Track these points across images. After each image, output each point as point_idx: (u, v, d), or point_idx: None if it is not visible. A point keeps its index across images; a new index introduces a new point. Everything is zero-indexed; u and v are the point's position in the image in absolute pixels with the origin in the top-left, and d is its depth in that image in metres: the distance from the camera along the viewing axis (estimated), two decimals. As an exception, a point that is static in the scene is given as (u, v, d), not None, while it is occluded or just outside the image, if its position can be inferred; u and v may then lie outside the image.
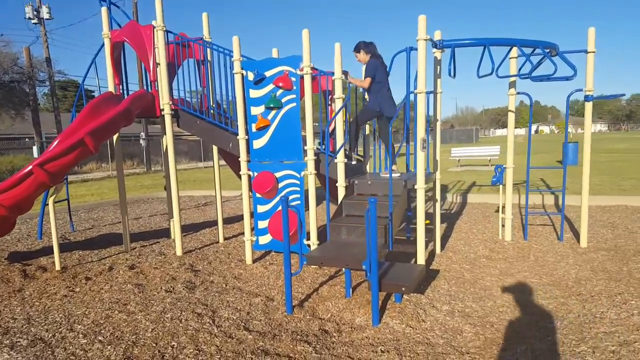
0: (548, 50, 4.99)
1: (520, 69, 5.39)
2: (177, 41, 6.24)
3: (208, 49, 6.46)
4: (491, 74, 5.01)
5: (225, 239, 7.18)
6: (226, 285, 4.85)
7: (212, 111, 6.29)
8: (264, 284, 4.87)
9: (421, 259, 4.63)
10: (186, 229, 7.99)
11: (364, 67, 5.77)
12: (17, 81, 25.83)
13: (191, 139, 38.18)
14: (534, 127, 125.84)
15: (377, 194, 5.11)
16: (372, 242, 3.41)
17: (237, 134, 5.86)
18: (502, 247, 5.86)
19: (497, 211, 8.50)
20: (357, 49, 5.83)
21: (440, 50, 5.43)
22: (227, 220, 8.69)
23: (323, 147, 5.44)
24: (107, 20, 6.24)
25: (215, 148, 6.93)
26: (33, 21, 25.50)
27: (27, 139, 29.81)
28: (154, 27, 6.02)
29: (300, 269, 4.03)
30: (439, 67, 5.60)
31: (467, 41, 4.88)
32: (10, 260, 6.23)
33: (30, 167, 5.12)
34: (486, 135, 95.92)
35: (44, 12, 25.34)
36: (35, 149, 24.68)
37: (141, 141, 23.38)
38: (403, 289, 3.55)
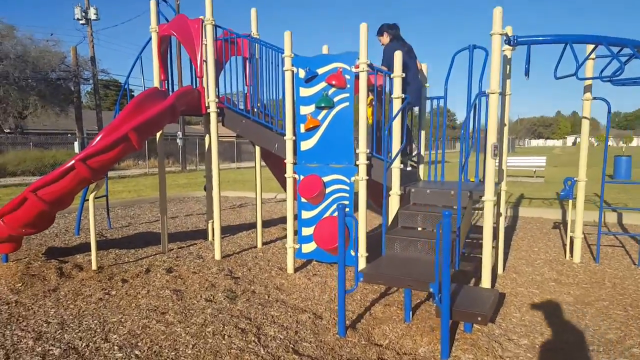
0: (637, 49, 4.43)
1: (602, 71, 4.83)
2: (225, 37, 5.96)
3: (256, 45, 6.15)
4: (574, 74, 4.50)
5: (263, 243, 6.86)
6: (269, 297, 4.50)
7: (257, 110, 5.98)
8: (309, 298, 4.48)
9: (487, 281, 4.13)
10: (223, 231, 7.66)
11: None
12: (63, 79, 26.57)
13: (225, 140, 38.44)
14: (571, 139, 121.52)
15: (436, 205, 4.66)
16: (445, 261, 2.97)
17: (283, 135, 5.54)
18: (571, 270, 5.28)
19: (556, 227, 7.87)
20: (380, 32, 5.55)
21: (511, 48, 4.95)
22: (264, 224, 8.38)
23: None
24: (155, 13, 6.03)
25: (257, 149, 6.62)
26: (81, 22, 26.21)
27: (69, 135, 30.66)
28: (202, 22, 5.77)
29: (355, 287, 3.62)
30: (508, 66, 5.11)
31: (547, 38, 4.39)
32: (48, 257, 6.08)
33: (73, 162, 4.93)
34: (521, 146, 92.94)
35: (92, 14, 26.00)
36: (76, 144, 25.24)
37: (178, 140, 23.56)
38: (479, 318, 3.08)
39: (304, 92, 5.20)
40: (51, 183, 4.98)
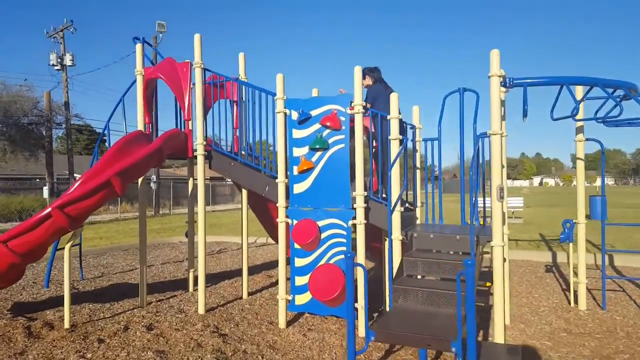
0: (631, 90, 4.46)
1: (597, 112, 4.83)
2: (214, 80, 5.79)
3: (244, 88, 5.98)
4: (571, 116, 4.47)
5: (249, 294, 6.45)
6: (262, 358, 4.10)
7: (245, 153, 5.75)
8: (307, 358, 4.11)
9: (500, 336, 3.84)
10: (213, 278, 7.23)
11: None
12: (35, 123, 25.89)
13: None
14: (537, 179, 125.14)
15: (440, 250, 4.44)
16: (470, 316, 2.71)
17: (274, 177, 5.31)
18: (578, 318, 5.07)
19: (549, 271, 7.73)
20: (362, 76, 5.46)
21: (504, 90, 4.93)
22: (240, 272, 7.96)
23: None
24: (141, 56, 5.85)
25: (244, 192, 6.32)
26: (56, 67, 25.90)
27: (37, 180, 29.59)
28: (191, 65, 5.61)
29: (366, 347, 3.30)
30: (503, 108, 5.07)
31: (543, 79, 4.37)
32: (14, 313, 5.52)
33: (49, 209, 4.54)
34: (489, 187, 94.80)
35: (67, 60, 25.76)
36: (45, 189, 24.28)
37: (152, 184, 22.95)
38: (509, 379, 2.81)
39: (297, 133, 5.02)
40: (24, 233, 4.57)
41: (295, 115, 5.02)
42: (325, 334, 4.75)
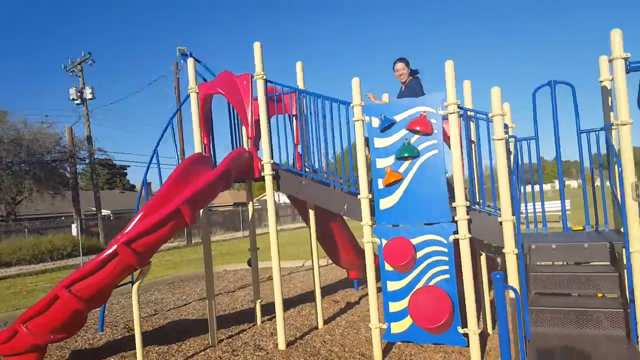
0: None
1: None
2: (270, 94, 5.33)
3: (303, 99, 5.50)
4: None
5: (324, 322, 5.88)
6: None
7: (308, 169, 5.27)
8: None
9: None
10: (267, 310, 6.65)
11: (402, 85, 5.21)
12: (58, 160, 25.94)
13: (224, 209, 37.63)
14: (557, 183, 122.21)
15: (566, 262, 3.85)
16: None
17: (355, 194, 4.80)
18: None
19: None
20: (405, 61, 5.21)
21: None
22: (305, 298, 7.41)
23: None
24: (193, 72, 5.44)
25: (312, 212, 5.80)
26: (76, 102, 26.02)
27: (63, 217, 29.57)
28: (251, 77, 5.18)
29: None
30: (610, 97, 4.52)
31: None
32: (75, 364, 5.04)
33: (115, 246, 4.07)
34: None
35: (87, 93, 25.86)
36: (74, 227, 24.16)
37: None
38: None
39: (379, 142, 4.52)
40: (89, 275, 4.09)
41: (376, 123, 4.52)
42: None
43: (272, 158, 5.13)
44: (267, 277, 10.37)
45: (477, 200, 4.44)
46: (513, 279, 3.99)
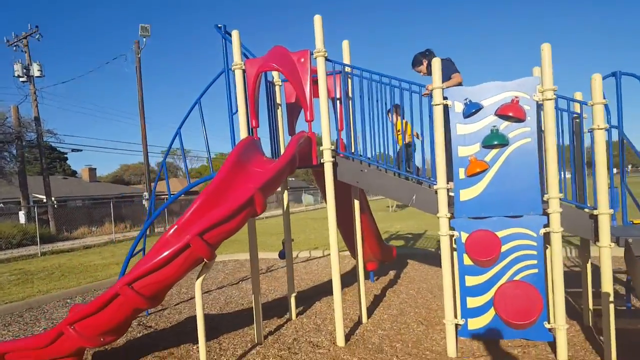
0: None
1: None
2: (314, 74, 4.89)
3: (349, 81, 5.13)
4: None
5: (367, 316, 5.61)
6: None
7: (371, 155, 4.93)
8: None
9: None
10: (278, 304, 6.21)
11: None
12: (2, 142, 23.77)
13: (183, 198, 36.22)
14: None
15: (667, 256, 3.79)
16: None
17: (428, 183, 4.54)
18: None
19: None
20: (417, 64, 5.17)
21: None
22: (318, 290, 7.11)
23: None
24: (239, 47, 4.93)
25: (357, 203, 5.47)
26: (22, 79, 23.90)
27: (4, 204, 27.31)
28: (311, 54, 4.74)
29: None
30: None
31: None
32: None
33: (188, 237, 3.57)
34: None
35: (35, 70, 23.83)
36: (22, 214, 22.32)
37: (144, 202, 21.42)
38: None
39: (463, 129, 4.26)
40: (156, 270, 3.57)
41: (459, 107, 4.26)
42: None
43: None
44: (266, 268, 9.94)
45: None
46: (607, 274, 3.91)
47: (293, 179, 59.04)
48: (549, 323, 4.04)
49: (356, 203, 5.49)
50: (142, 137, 20.25)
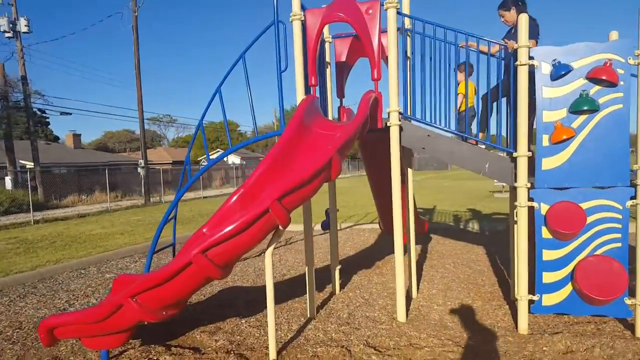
0: None
1: None
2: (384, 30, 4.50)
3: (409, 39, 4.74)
4: None
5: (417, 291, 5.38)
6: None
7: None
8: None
9: None
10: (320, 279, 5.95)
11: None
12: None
13: (165, 167, 35.48)
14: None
15: None
16: None
17: (503, 151, 4.26)
18: None
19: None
20: (506, 6, 4.67)
21: None
22: (347, 264, 6.88)
23: None
24: (298, -5, 4.49)
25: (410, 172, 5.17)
26: (7, 35, 22.62)
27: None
28: (381, 4, 4.34)
29: None
30: None
31: None
32: (146, 342, 4.17)
33: (269, 202, 3.22)
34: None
35: (22, 25, 22.55)
36: (8, 180, 21.49)
37: (139, 170, 20.79)
38: None
39: (549, 92, 3.96)
40: (232, 237, 3.23)
41: (547, 69, 3.95)
42: (585, 337, 3.82)
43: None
44: (285, 241, 9.65)
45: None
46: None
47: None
48: (629, 299, 3.86)
49: (410, 172, 5.20)
50: (138, 103, 19.47)
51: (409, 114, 4.53)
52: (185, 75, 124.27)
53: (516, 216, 4.68)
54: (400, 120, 4.38)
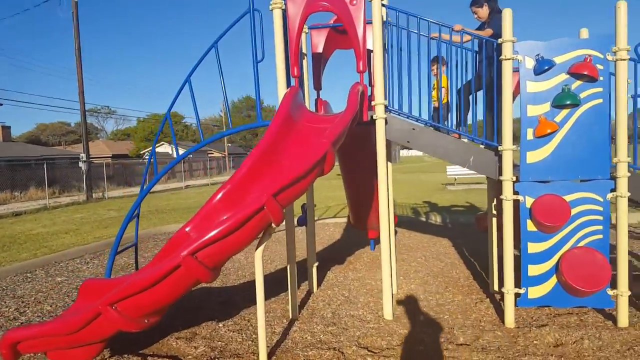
0: None
1: None
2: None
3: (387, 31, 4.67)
4: None
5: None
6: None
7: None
8: None
9: None
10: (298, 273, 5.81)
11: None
12: None
13: (105, 162, 33.75)
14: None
15: None
16: None
17: (487, 145, 4.27)
18: None
19: None
20: (478, 3, 4.75)
21: None
22: (321, 259, 6.79)
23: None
24: (278, -19, 4.27)
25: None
26: None
27: None
28: (365, -6, 4.20)
29: None
30: None
31: None
32: (118, 351, 3.84)
33: (265, 197, 3.02)
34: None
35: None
36: None
37: (81, 164, 19.54)
38: None
39: (533, 87, 4.01)
40: (227, 235, 2.99)
41: (530, 63, 3.98)
42: (571, 329, 3.92)
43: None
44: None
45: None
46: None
47: (230, 144, 57.32)
48: (611, 290, 3.98)
49: (389, 166, 5.11)
50: (79, 93, 18.22)
51: (393, 107, 4.44)
52: (125, 65, 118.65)
53: (494, 209, 4.75)
54: (385, 114, 4.28)
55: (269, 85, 4.92)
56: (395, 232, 8.80)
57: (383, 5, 4.24)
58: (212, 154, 50.37)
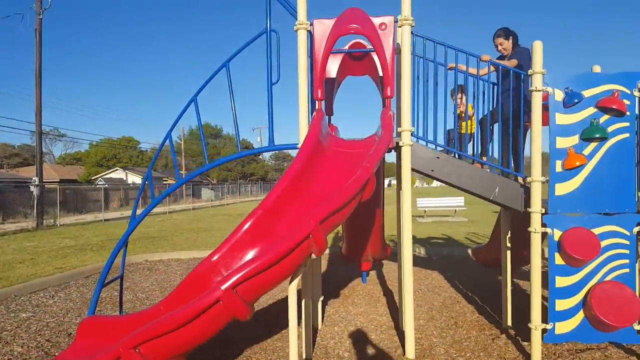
0: None
1: None
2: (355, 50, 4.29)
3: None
4: None
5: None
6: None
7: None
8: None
9: None
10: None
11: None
12: None
13: (53, 187, 31.91)
14: (387, 180, 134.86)
15: None
16: None
17: (513, 175, 4.20)
18: None
19: None
20: (504, 35, 4.81)
21: None
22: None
23: None
24: (305, 3, 4.11)
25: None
26: None
27: None
28: (395, 20, 4.11)
29: None
30: None
31: None
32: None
33: (311, 224, 2.73)
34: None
35: None
36: None
37: (32, 188, 18.21)
38: None
39: (563, 119, 3.99)
40: (272, 266, 2.67)
41: (560, 96, 3.97)
42: None
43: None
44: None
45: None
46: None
47: (185, 172, 55.77)
48: (638, 324, 3.91)
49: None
50: (36, 113, 17.13)
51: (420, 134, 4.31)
52: (75, 84, 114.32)
53: (509, 242, 4.65)
54: (411, 142, 4.13)
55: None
56: (382, 263, 8.62)
57: (413, 34, 4.14)
58: (167, 181, 48.78)
